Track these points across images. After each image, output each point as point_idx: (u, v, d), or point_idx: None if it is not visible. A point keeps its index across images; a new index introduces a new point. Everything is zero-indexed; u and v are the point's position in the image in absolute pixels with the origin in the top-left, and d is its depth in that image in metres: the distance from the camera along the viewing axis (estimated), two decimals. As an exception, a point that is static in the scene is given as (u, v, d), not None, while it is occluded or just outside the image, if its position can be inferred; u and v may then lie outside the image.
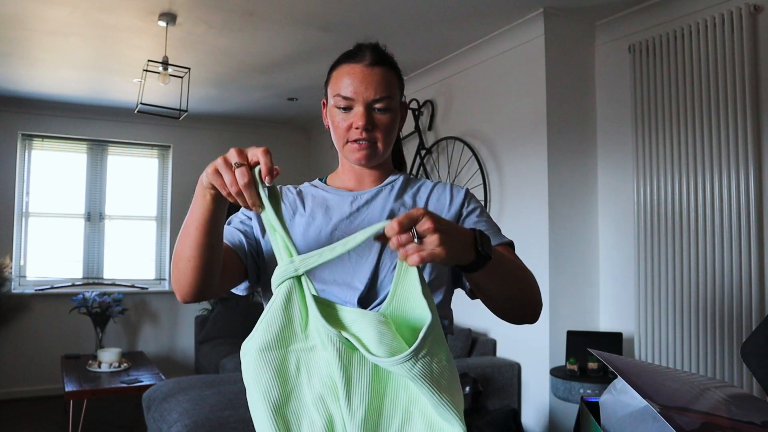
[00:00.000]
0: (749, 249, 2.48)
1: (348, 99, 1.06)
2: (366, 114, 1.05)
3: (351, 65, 1.07)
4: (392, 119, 1.09)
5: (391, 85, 1.08)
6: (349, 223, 1.08)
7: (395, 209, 1.10)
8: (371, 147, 1.07)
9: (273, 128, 5.92)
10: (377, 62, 1.07)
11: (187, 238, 0.92)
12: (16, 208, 4.96)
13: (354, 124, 1.06)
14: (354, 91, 1.05)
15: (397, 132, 1.13)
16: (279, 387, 0.80)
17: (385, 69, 1.08)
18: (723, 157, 2.59)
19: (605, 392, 0.86)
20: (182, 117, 3.61)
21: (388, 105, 1.07)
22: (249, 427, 2.59)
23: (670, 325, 2.78)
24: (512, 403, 3.16)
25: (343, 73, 1.08)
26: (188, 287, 0.96)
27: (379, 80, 1.06)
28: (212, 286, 0.97)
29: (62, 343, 4.90)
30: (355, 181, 1.15)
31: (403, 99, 1.15)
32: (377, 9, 3.08)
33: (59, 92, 4.70)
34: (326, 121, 1.14)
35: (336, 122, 1.09)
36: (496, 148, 3.50)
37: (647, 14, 2.98)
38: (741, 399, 0.83)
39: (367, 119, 1.05)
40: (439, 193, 1.15)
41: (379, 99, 1.06)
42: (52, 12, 3.10)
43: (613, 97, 3.18)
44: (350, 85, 1.05)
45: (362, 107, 1.05)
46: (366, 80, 1.05)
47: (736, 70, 2.54)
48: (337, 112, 1.08)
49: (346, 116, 1.07)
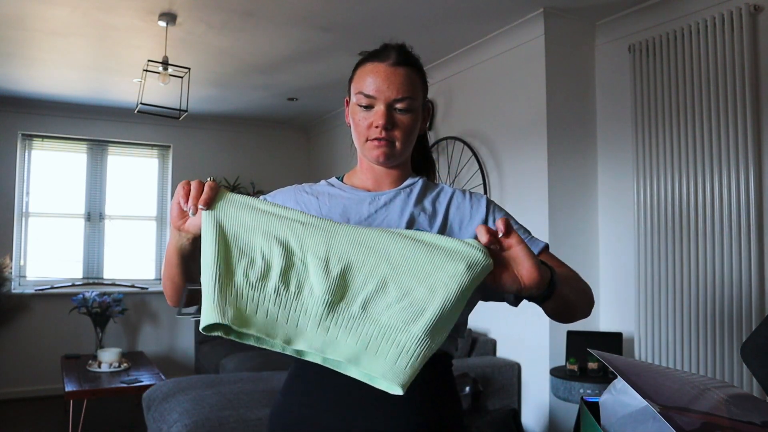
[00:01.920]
0: (749, 249, 2.48)
1: (370, 97, 1.06)
2: (387, 113, 1.05)
3: (375, 64, 1.08)
4: (413, 120, 1.08)
5: (414, 85, 1.08)
6: (366, 225, 1.07)
7: (415, 214, 1.09)
8: (390, 146, 1.07)
9: (273, 128, 5.92)
10: (401, 62, 1.08)
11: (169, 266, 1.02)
12: (16, 208, 4.96)
13: (374, 122, 1.06)
14: (376, 90, 1.05)
15: (416, 133, 1.12)
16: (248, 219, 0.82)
17: (409, 69, 1.08)
18: (723, 157, 2.59)
19: (605, 392, 0.86)
20: (182, 117, 3.61)
21: (409, 106, 1.07)
22: (249, 427, 2.59)
23: (670, 325, 2.78)
24: (512, 403, 3.16)
25: (367, 71, 1.08)
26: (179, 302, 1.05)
27: (402, 80, 1.06)
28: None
29: (62, 343, 4.90)
30: (373, 181, 1.14)
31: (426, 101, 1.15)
32: (377, 9, 3.08)
33: (59, 92, 4.70)
34: (348, 119, 1.14)
35: (357, 120, 1.09)
36: (496, 148, 3.50)
37: (647, 14, 2.98)
38: (741, 399, 0.83)
39: (388, 118, 1.05)
40: (459, 201, 1.13)
41: (401, 99, 1.06)
42: (52, 12, 3.10)
43: (613, 97, 3.18)
44: (373, 83, 1.06)
45: (383, 106, 1.05)
46: (389, 79, 1.06)
47: (736, 70, 2.54)
48: (358, 109, 1.08)
49: (368, 114, 1.07)
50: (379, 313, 0.76)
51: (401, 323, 0.74)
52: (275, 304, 0.77)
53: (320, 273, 0.77)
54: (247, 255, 0.79)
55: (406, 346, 0.73)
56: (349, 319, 0.76)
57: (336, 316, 0.76)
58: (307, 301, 0.77)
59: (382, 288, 0.77)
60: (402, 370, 0.73)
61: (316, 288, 0.77)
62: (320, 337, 0.75)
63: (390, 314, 0.76)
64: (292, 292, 0.77)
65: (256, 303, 0.77)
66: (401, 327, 0.74)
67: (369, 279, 0.77)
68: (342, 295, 0.77)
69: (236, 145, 5.79)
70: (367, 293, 0.77)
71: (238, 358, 4.07)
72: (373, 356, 0.73)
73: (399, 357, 0.73)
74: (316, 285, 0.77)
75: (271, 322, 0.76)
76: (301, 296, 0.77)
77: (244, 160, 5.80)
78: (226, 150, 5.75)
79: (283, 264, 0.78)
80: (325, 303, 0.75)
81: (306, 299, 0.77)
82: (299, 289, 0.77)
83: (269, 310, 0.76)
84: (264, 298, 0.77)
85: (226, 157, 5.71)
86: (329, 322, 0.75)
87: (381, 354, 0.73)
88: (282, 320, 0.76)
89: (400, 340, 0.73)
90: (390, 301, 0.77)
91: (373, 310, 0.76)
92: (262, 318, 0.76)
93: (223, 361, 4.23)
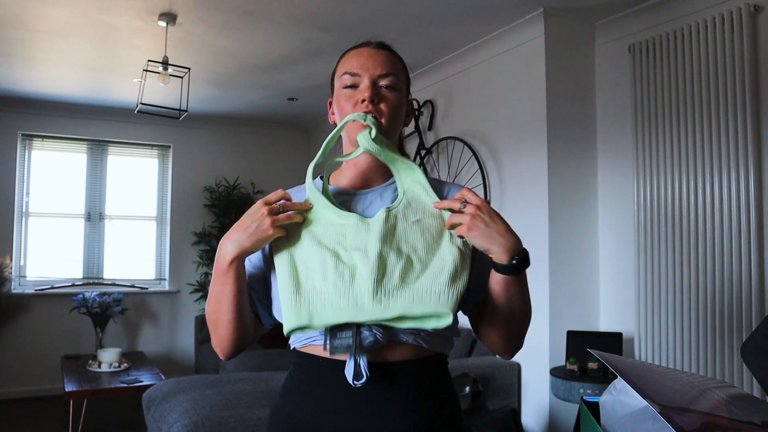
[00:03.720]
0: (749, 249, 2.48)
1: (355, 75, 1.07)
2: (372, 87, 1.06)
3: (359, 48, 1.11)
4: (398, 99, 1.08)
5: (397, 67, 1.10)
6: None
7: None
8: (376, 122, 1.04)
9: (273, 128, 5.92)
10: (383, 47, 1.11)
11: (222, 303, 1.02)
12: (16, 208, 4.96)
13: (360, 97, 1.05)
14: (360, 66, 1.07)
15: (402, 116, 1.11)
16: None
17: (391, 54, 1.11)
18: (723, 157, 2.59)
19: (605, 392, 0.86)
20: (182, 117, 3.61)
21: (394, 83, 1.08)
22: (249, 427, 2.59)
23: (670, 325, 2.78)
24: (512, 403, 3.16)
25: (351, 55, 1.11)
26: (232, 345, 1.06)
27: (386, 59, 1.09)
28: (250, 336, 1.08)
29: (62, 343, 4.90)
30: (359, 177, 1.12)
31: (409, 97, 1.16)
32: (377, 9, 3.08)
33: (59, 92, 4.70)
34: (332, 118, 1.13)
35: (341, 104, 1.08)
36: (496, 148, 3.50)
37: (647, 14, 2.98)
38: (741, 399, 0.83)
39: (374, 91, 1.06)
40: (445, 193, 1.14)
41: (385, 75, 1.07)
42: (52, 12, 3.10)
43: (613, 97, 3.18)
44: (357, 61, 1.08)
45: (368, 81, 1.06)
46: (372, 57, 1.08)
47: (736, 70, 2.54)
48: (343, 93, 1.08)
49: (353, 93, 1.07)
50: (412, 281, 0.95)
51: (431, 280, 0.95)
52: (337, 295, 0.94)
53: (364, 261, 0.96)
54: (309, 267, 0.98)
55: (441, 289, 0.94)
56: (393, 289, 0.94)
57: (383, 288, 0.93)
58: (360, 285, 0.94)
59: (408, 264, 0.96)
60: (446, 302, 0.93)
61: (364, 273, 0.94)
62: (377, 308, 0.93)
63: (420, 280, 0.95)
64: (347, 281, 0.95)
65: (323, 300, 0.95)
66: (432, 282, 0.94)
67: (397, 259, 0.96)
68: (384, 273, 0.94)
69: (236, 145, 5.79)
70: (400, 269, 0.95)
71: (238, 358, 4.07)
72: (420, 304, 0.93)
73: (440, 295, 0.93)
74: (364, 271, 0.95)
75: (338, 310, 0.94)
76: (354, 282, 0.95)
77: (244, 160, 5.80)
78: (226, 150, 5.75)
79: (334, 263, 0.97)
80: (373, 281, 0.93)
81: (359, 283, 0.94)
82: (352, 277, 0.95)
83: (334, 302, 0.94)
84: (328, 294, 0.95)
85: (226, 157, 5.71)
86: (381, 295, 0.93)
87: (426, 301, 0.93)
88: (344, 305, 0.94)
89: (434, 288, 0.94)
90: (417, 272, 0.95)
91: (408, 280, 0.95)
92: (330, 309, 0.94)
93: (223, 361, 4.23)
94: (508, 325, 1.05)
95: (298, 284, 0.97)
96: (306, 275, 0.98)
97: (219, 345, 1.07)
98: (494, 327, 1.06)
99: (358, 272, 0.95)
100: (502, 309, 1.02)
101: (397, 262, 0.96)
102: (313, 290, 0.96)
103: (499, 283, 1.00)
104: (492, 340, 1.09)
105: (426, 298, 0.93)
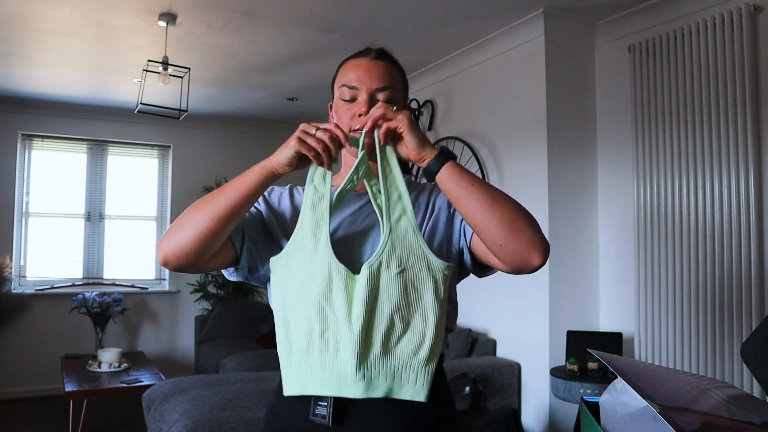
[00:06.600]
0: (749, 249, 2.48)
1: (353, 88, 1.09)
2: (369, 101, 1.08)
3: (357, 59, 1.12)
4: None
5: (395, 78, 1.12)
6: (351, 221, 1.09)
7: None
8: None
9: (273, 128, 5.92)
10: (381, 57, 1.12)
11: (218, 202, 0.97)
12: (16, 208, 4.96)
13: (357, 111, 1.08)
14: (358, 80, 1.09)
15: None
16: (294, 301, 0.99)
17: (389, 64, 1.12)
18: (723, 157, 2.59)
19: (605, 392, 0.86)
20: (182, 117, 3.61)
21: (391, 96, 1.09)
22: (249, 427, 2.59)
23: (670, 325, 2.79)
24: (512, 403, 3.16)
25: (349, 66, 1.12)
26: (191, 249, 0.97)
27: (383, 71, 1.10)
28: (208, 257, 1.00)
29: (62, 343, 4.90)
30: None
31: (407, 102, 1.18)
32: (377, 9, 3.08)
33: (59, 92, 4.70)
34: (332, 121, 1.15)
35: (340, 114, 1.11)
36: (496, 148, 3.50)
37: (647, 14, 2.98)
38: (741, 399, 0.83)
39: (370, 106, 1.07)
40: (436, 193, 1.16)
41: (383, 88, 1.09)
42: (52, 12, 3.10)
43: (613, 97, 3.18)
44: (355, 75, 1.09)
45: (366, 95, 1.08)
46: (370, 70, 1.09)
47: (736, 70, 2.54)
48: (341, 104, 1.11)
49: (351, 106, 1.10)
50: (393, 346, 0.94)
51: (411, 352, 0.94)
52: (322, 367, 0.95)
53: (347, 331, 0.93)
54: (299, 326, 0.97)
55: (419, 368, 0.94)
56: (375, 360, 0.93)
57: (367, 364, 0.93)
58: (343, 357, 0.94)
59: (390, 324, 0.94)
60: (421, 387, 0.95)
61: (347, 347, 0.93)
62: (359, 384, 0.93)
63: (400, 346, 0.94)
64: (332, 352, 0.94)
65: (310, 370, 0.96)
66: (411, 355, 0.94)
67: (379, 322, 0.94)
68: (366, 345, 0.93)
69: (236, 145, 5.79)
70: (381, 335, 0.93)
71: (238, 358, 4.07)
72: (400, 386, 0.94)
73: (417, 379, 0.94)
74: (347, 344, 0.93)
75: (323, 382, 0.95)
76: (339, 354, 0.94)
77: (244, 160, 5.75)
78: (226, 150, 5.75)
79: (320, 331, 0.95)
80: (356, 356, 0.92)
81: (342, 355, 0.94)
82: (336, 349, 0.94)
83: (320, 374, 0.95)
84: (314, 366, 0.95)
85: (226, 157, 5.71)
86: (363, 370, 0.93)
87: (405, 382, 0.94)
88: (329, 376, 0.94)
89: (413, 365, 0.94)
90: (398, 333, 0.94)
91: (389, 345, 0.94)
92: (317, 382, 0.95)
93: (223, 361, 4.23)
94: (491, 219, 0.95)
95: (290, 345, 0.98)
96: (297, 334, 0.97)
97: (173, 245, 0.97)
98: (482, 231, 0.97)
99: (342, 344, 0.94)
100: (472, 209, 0.96)
101: (378, 326, 0.94)
102: (301, 357, 0.96)
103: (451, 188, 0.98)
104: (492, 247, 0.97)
105: (405, 376, 0.94)
